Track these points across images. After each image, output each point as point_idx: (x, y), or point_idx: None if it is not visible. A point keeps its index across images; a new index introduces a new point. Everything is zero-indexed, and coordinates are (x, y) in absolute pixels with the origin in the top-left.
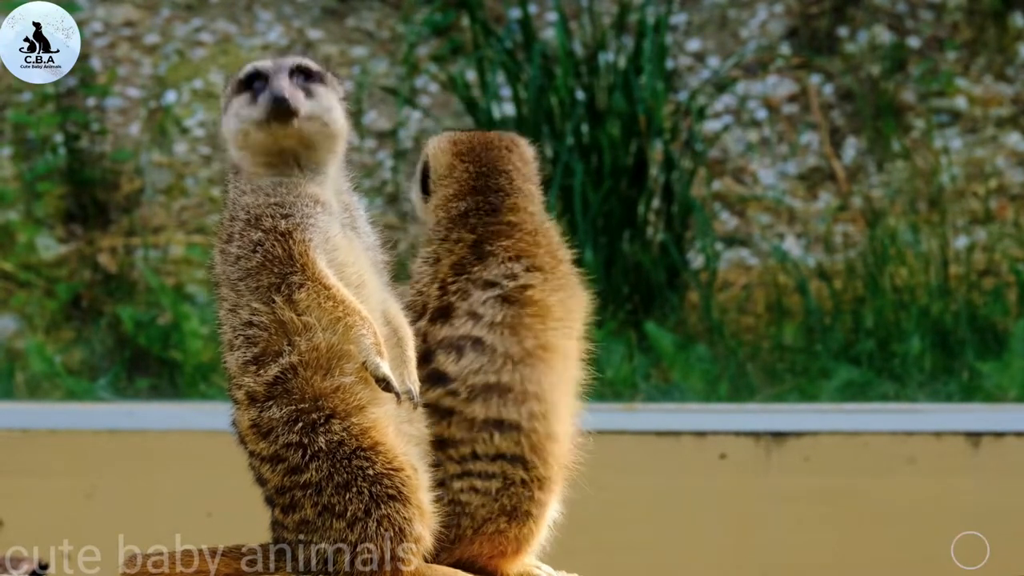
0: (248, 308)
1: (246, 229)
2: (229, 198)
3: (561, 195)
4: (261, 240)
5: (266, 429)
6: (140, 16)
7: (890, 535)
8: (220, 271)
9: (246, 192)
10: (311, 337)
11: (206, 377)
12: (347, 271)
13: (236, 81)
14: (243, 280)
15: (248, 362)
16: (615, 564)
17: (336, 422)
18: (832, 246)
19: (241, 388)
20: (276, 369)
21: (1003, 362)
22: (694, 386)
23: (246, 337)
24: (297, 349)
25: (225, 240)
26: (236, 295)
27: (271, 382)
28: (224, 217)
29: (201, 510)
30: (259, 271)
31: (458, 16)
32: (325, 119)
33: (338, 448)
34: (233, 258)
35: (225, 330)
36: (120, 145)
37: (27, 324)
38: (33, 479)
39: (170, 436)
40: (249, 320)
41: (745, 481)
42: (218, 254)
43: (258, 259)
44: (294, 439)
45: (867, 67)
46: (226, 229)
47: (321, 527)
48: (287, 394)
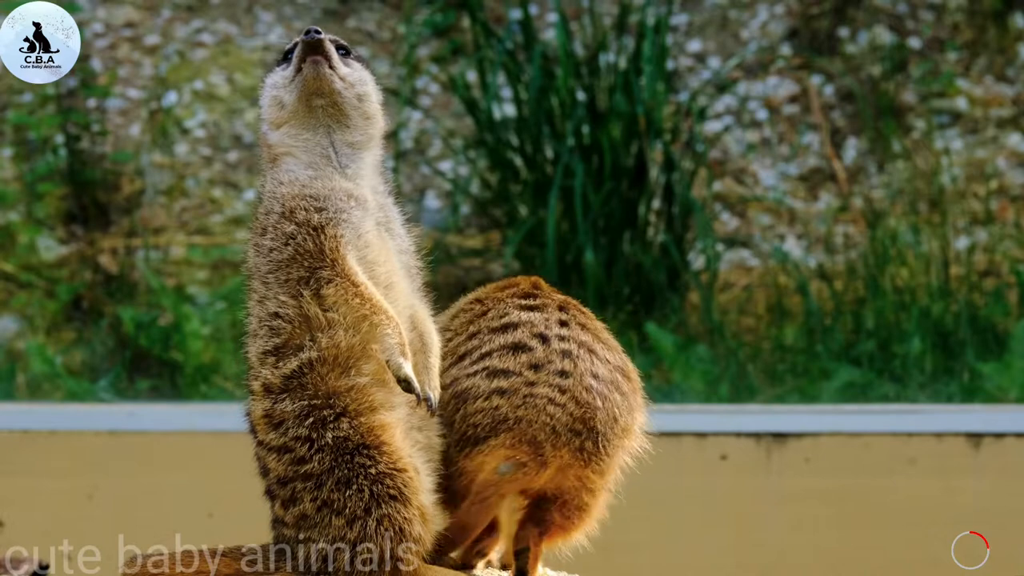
0: (276, 300)
1: (280, 221)
2: (266, 190)
3: (562, 196)
4: (294, 233)
5: (278, 420)
6: (141, 17)
7: (891, 535)
8: (252, 263)
9: (283, 183)
10: (333, 334)
11: (207, 378)
12: (377, 270)
13: (271, 64)
14: (273, 273)
15: (268, 352)
16: (616, 565)
17: (346, 420)
18: (833, 247)
19: (258, 379)
20: (295, 363)
21: (1003, 363)
22: (695, 387)
23: (270, 327)
24: (318, 345)
25: (259, 233)
26: (265, 287)
27: (288, 375)
28: (259, 210)
29: (202, 510)
30: (289, 264)
31: (459, 17)
32: (360, 90)
33: (343, 443)
34: (266, 250)
35: (251, 319)
36: (121, 146)
37: (28, 325)
38: (34, 480)
39: (171, 437)
40: (275, 311)
41: (746, 482)
42: (251, 247)
43: (289, 252)
44: (303, 433)
45: (868, 68)
46: (260, 222)
47: (320, 523)
48: (302, 388)
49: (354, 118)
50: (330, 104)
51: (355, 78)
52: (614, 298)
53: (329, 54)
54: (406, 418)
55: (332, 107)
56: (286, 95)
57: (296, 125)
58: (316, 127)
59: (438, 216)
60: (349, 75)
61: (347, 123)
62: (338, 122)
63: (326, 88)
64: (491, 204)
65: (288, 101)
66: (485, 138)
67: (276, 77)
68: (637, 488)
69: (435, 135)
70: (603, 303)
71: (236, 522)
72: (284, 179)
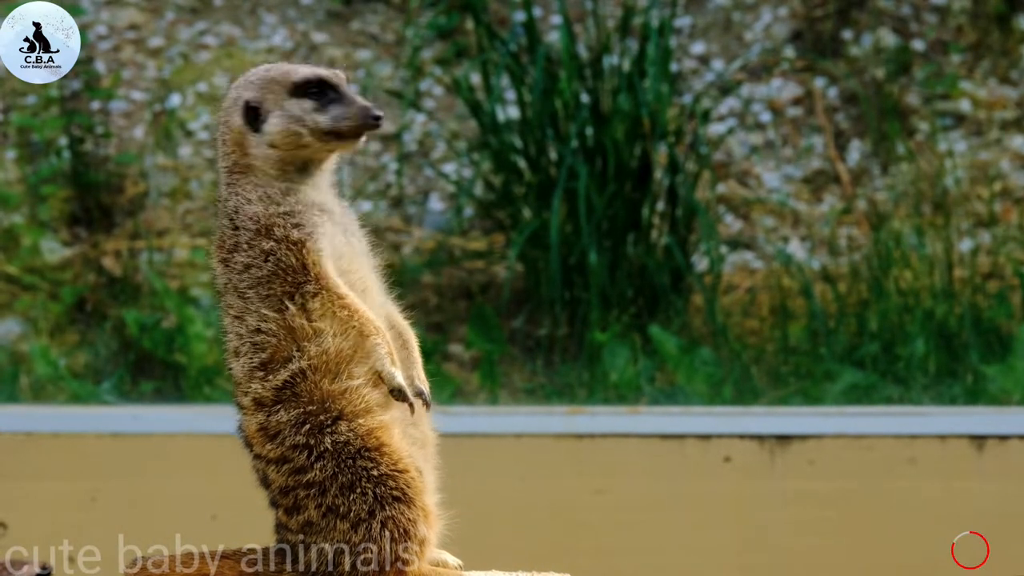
0: (257, 315)
1: (256, 239)
2: (229, 206)
3: (565, 198)
4: (273, 249)
5: (273, 432)
6: (144, 19)
7: (894, 537)
8: (224, 280)
9: (252, 200)
10: (321, 342)
11: (210, 380)
12: (352, 277)
13: (290, 84)
14: (253, 288)
15: (255, 368)
16: (618, 567)
17: (343, 423)
18: (836, 249)
19: (248, 394)
20: (285, 374)
21: (1007, 365)
22: (698, 389)
23: (253, 343)
24: (307, 354)
25: (229, 249)
26: (243, 302)
27: (280, 387)
28: (224, 225)
29: (206, 513)
30: (271, 280)
31: (462, 19)
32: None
33: (343, 448)
34: (241, 266)
35: (230, 337)
36: (124, 148)
37: (31, 327)
38: (37, 482)
39: (174, 439)
40: (257, 327)
41: (749, 484)
42: (219, 263)
43: (270, 268)
44: (301, 440)
45: (871, 70)
46: (230, 238)
47: (325, 528)
48: (295, 397)
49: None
50: (328, 156)
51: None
52: (618, 300)
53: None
54: (402, 416)
55: (329, 158)
56: (310, 138)
57: (297, 160)
58: (309, 165)
59: (441, 218)
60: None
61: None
62: (328, 161)
63: (348, 150)
64: (495, 206)
65: (309, 144)
66: (489, 140)
67: (309, 115)
68: (640, 490)
69: (439, 137)
70: (607, 305)
71: (240, 524)
72: (252, 195)
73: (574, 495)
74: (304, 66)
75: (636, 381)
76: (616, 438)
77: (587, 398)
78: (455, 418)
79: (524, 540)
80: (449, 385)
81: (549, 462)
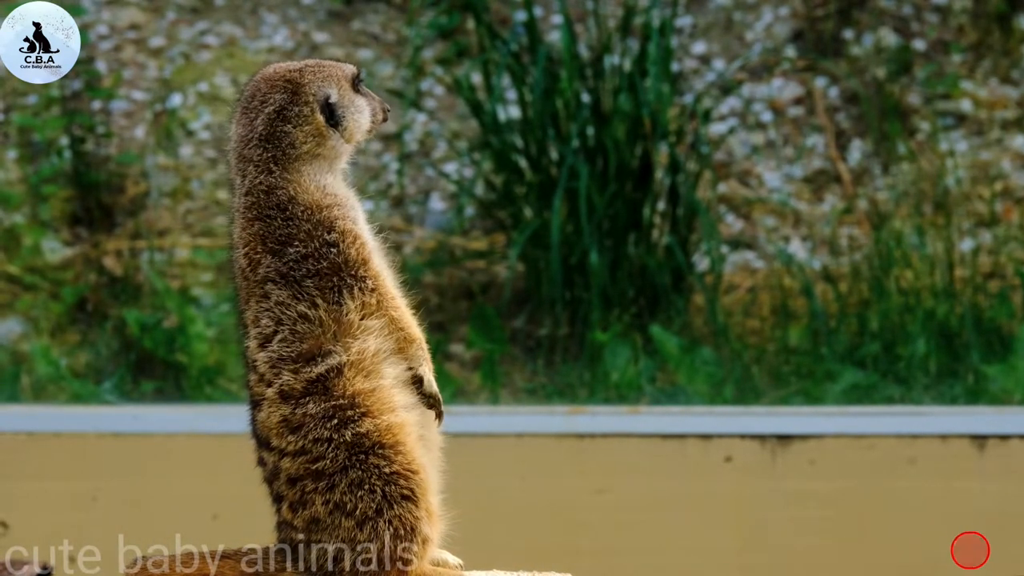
0: (309, 302)
1: (317, 230)
2: (280, 196)
3: (566, 198)
4: (336, 241)
5: (297, 424)
6: (145, 19)
7: (895, 538)
8: (270, 270)
9: (310, 191)
10: (365, 339)
11: (211, 380)
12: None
13: (352, 77)
14: (310, 278)
15: (288, 358)
16: (619, 567)
17: (368, 420)
18: (837, 249)
19: (273, 386)
20: (322, 367)
21: (1008, 365)
22: (699, 389)
23: (293, 331)
24: (348, 350)
25: (280, 241)
26: (293, 290)
27: (313, 379)
28: (272, 216)
29: (207, 513)
30: (330, 272)
31: (463, 19)
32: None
33: (360, 440)
34: (297, 256)
35: (264, 324)
36: (125, 148)
37: (32, 327)
38: (38, 482)
39: (175, 439)
40: (305, 314)
41: (750, 484)
42: (267, 255)
43: (331, 260)
44: (324, 434)
45: (872, 70)
46: (281, 229)
47: (331, 525)
48: (326, 391)
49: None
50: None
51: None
52: (619, 300)
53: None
54: (419, 419)
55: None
56: (367, 130)
57: (351, 152)
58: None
59: (442, 218)
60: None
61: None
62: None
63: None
64: (496, 206)
65: (365, 136)
66: (490, 140)
67: (372, 107)
68: (641, 490)
69: (439, 137)
70: (608, 305)
71: (240, 524)
72: (310, 186)
73: (575, 495)
74: (348, 64)
75: (637, 381)
76: (617, 438)
77: (588, 398)
78: (456, 418)
79: (525, 540)
80: (450, 385)
81: (550, 462)
